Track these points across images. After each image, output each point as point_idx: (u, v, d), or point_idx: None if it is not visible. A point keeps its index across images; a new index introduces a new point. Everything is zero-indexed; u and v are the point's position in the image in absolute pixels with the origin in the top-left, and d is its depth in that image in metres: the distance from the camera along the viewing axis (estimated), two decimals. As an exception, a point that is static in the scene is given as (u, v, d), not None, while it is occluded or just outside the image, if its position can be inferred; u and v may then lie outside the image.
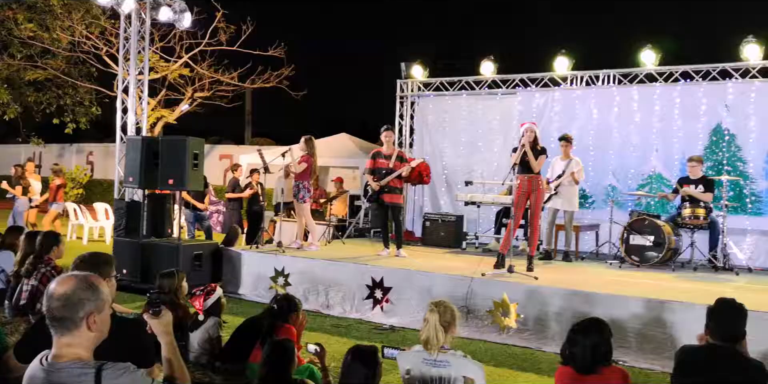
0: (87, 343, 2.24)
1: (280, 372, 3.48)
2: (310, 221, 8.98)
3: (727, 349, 3.27)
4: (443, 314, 3.40)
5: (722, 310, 3.44)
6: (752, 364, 3.21)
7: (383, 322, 7.15)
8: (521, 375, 5.52)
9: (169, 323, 2.55)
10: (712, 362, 3.21)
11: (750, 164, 9.21)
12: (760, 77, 9.23)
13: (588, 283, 6.85)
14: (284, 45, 17.48)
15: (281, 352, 3.46)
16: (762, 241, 9.11)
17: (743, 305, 3.49)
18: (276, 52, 17.52)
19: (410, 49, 34.23)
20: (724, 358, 3.22)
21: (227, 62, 17.99)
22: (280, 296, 4.49)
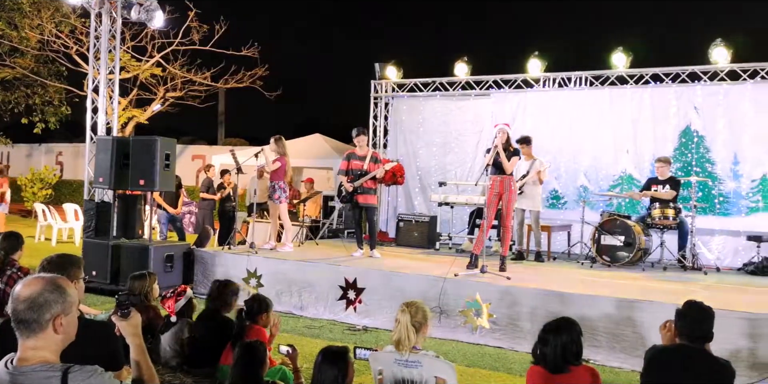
0: (53, 346, 2.20)
1: (252, 374, 3.45)
2: (287, 222, 8.93)
3: (695, 349, 3.33)
4: (415, 315, 3.41)
5: (690, 311, 3.50)
6: (719, 363, 3.27)
7: (356, 322, 7.15)
8: (493, 375, 5.55)
9: (138, 325, 2.52)
10: (681, 362, 3.26)
11: (718, 165, 9.38)
12: (728, 80, 9.40)
13: (560, 283, 6.91)
14: (258, 45, 17.40)
15: (252, 354, 3.44)
16: (730, 241, 9.27)
17: (711, 307, 3.55)
18: (249, 52, 17.43)
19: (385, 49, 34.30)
20: (692, 357, 3.27)
21: (200, 62, 17.88)
22: (249, 297, 4.45)
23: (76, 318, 2.27)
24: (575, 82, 10.55)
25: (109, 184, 8.65)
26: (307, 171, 14.81)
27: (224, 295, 4.49)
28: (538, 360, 3.33)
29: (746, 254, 8.86)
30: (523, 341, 6.28)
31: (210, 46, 17.25)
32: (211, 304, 4.44)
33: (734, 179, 9.25)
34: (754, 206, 9.10)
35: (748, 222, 9.07)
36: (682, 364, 3.22)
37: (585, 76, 10.45)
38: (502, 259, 7.66)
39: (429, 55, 31.13)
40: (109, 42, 9.66)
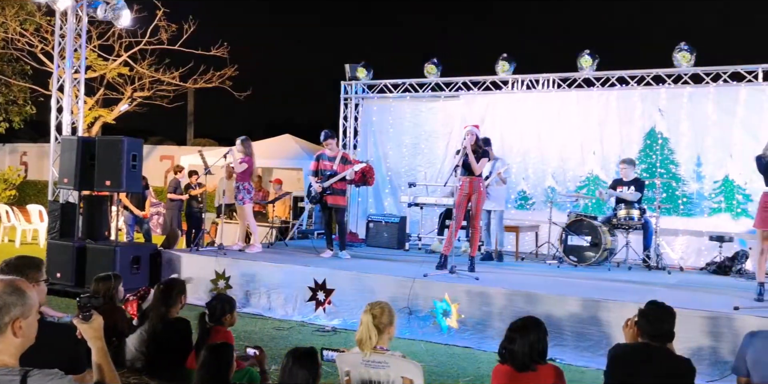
0: (12, 349, 2.17)
1: (218, 377, 3.43)
2: (252, 222, 8.89)
3: (657, 348, 3.39)
4: (378, 316, 3.42)
5: (652, 311, 3.56)
6: (680, 361, 3.34)
7: (326, 324, 7.14)
8: (462, 374, 5.58)
9: (100, 328, 2.48)
10: (643, 360, 3.32)
11: (682, 167, 9.55)
12: (692, 83, 9.57)
13: (527, 283, 6.99)
14: (227, 45, 17.27)
15: (219, 357, 3.41)
16: (693, 241, 9.45)
17: (672, 307, 3.61)
18: (219, 52, 17.30)
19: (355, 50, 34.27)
20: (653, 356, 3.33)
21: (168, 61, 17.68)
22: (212, 298, 4.40)
23: (35, 321, 2.24)
24: (543, 85, 10.66)
25: (74, 185, 8.52)
26: (277, 171, 14.75)
27: (169, 295, 4.40)
28: (504, 359, 3.37)
29: (709, 254, 9.05)
30: (492, 341, 6.32)
31: (179, 45, 17.07)
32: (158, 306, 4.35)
33: (697, 181, 9.44)
34: (717, 207, 9.29)
35: (711, 222, 9.26)
36: (643, 363, 3.28)
37: (553, 78, 10.56)
38: (471, 260, 7.71)
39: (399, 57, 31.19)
40: (75, 40, 9.51)
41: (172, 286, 4.51)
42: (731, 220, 9.15)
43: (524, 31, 31.88)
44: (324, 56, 35.98)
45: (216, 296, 4.46)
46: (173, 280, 4.71)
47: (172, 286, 4.49)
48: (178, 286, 4.52)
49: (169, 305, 4.41)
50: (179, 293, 4.51)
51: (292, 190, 12.91)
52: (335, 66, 12.82)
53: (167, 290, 4.43)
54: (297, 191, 12.86)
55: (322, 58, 36.04)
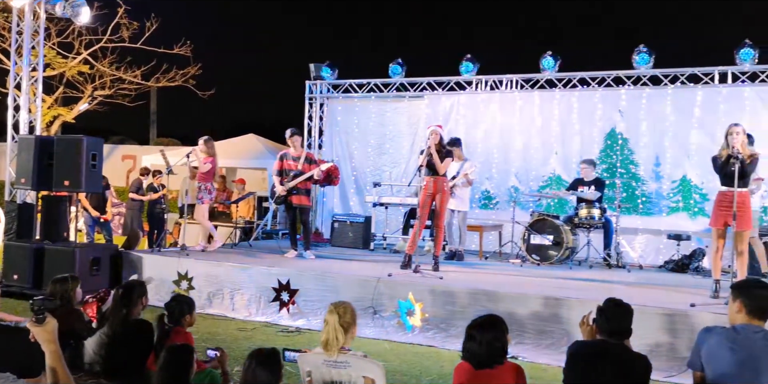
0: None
1: (178, 378, 3.39)
2: (205, 223, 8.81)
3: (614, 345, 3.45)
4: (343, 315, 3.42)
5: (610, 308, 3.62)
6: (636, 358, 3.40)
7: (290, 324, 7.11)
8: (425, 373, 5.61)
9: (54, 331, 2.44)
10: (601, 357, 3.37)
11: (641, 167, 9.73)
12: (651, 85, 9.78)
13: (491, 282, 7.05)
14: (190, 43, 17.06)
15: (178, 358, 3.38)
16: (652, 239, 9.64)
17: (629, 305, 3.68)
18: (182, 51, 17.08)
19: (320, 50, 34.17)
20: (610, 352, 3.38)
21: (130, 60, 17.39)
22: (170, 299, 4.35)
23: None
24: (506, 85, 10.77)
25: (31, 185, 8.35)
26: (241, 171, 14.64)
27: (129, 297, 4.33)
28: (465, 356, 3.39)
29: (667, 252, 9.25)
30: (455, 340, 6.36)
31: (140, 43, 16.82)
32: (119, 308, 4.28)
33: (656, 180, 9.63)
34: (675, 206, 9.49)
35: (669, 221, 9.46)
36: (601, 360, 3.33)
37: (516, 79, 10.68)
38: (435, 259, 7.75)
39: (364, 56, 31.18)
40: (33, 38, 9.31)
41: (132, 287, 4.44)
42: (689, 219, 9.36)
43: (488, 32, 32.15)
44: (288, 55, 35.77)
45: (174, 297, 4.39)
46: (133, 282, 4.64)
47: (132, 288, 4.42)
48: (139, 288, 4.45)
49: (129, 307, 4.34)
50: (140, 295, 4.44)
51: (256, 190, 12.82)
52: (300, 65, 12.79)
53: (127, 292, 4.36)
54: (261, 191, 12.79)
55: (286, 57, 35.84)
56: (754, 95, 9.15)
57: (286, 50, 38.16)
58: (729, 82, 9.33)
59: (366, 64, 14.76)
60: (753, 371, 3.13)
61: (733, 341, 3.22)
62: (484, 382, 3.26)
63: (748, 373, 3.13)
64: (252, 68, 38.09)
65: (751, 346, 3.18)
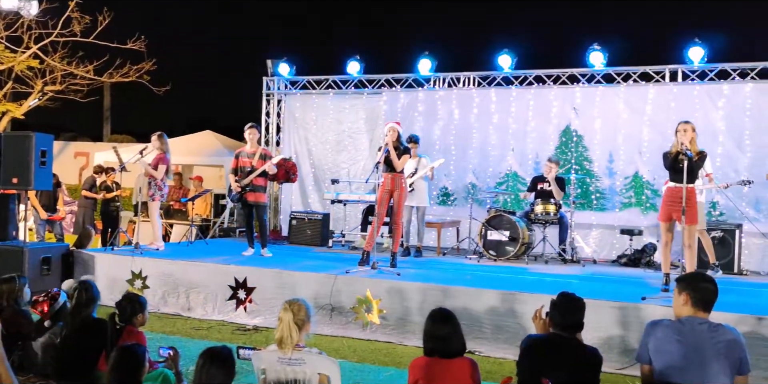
0: None
1: (130, 379, 3.34)
2: (154, 220, 8.67)
3: (566, 338, 3.51)
4: (297, 313, 3.41)
5: (563, 302, 3.67)
6: (587, 351, 3.46)
7: (247, 322, 7.05)
8: (383, 369, 5.62)
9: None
10: (553, 350, 3.43)
11: (595, 163, 9.90)
12: (604, 83, 9.95)
13: (448, 278, 7.09)
14: (144, 38, 16.73)
15: (129, 358, 3.32)
16: (606, 234, 9.83)
17: (582, 298, 3.74)
18: (135, 45, 16.74)
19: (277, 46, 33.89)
20: (562, 346, 3.44)
21: (82, 55, 16.96)
22: (121, 298, 4.27)
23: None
24: (464, 83, 10.85)
25: (-23, 183, 8.09)
26: (198, 168, 14.45)
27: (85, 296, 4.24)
28: (425, 351, 3.41)
29: (620, 247, 9.44)
30: (413, 336, 6.40)
31: (92, 38, 16.42)
32: (74, 307, 4.20)
33: (609, 176, 9.81)
34: (627, 202, 9.69)
35: (622, 217, 9.66)
36: (553, 353, 3.38)
37: (473, 76, 10.76)
38: (392, 256, 7.77)
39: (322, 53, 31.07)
40: (-22, 31, 9.03)
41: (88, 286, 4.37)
42: (641, 215, 9.56)
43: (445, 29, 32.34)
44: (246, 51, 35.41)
45: (125, 296, 4.31)
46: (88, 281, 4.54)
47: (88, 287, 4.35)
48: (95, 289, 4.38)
49: (84, 306, 4.27)
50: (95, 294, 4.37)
51: (213, 187, 12.67)
52: (257, 61, 12.66)
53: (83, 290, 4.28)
54: (218, 189, 12.65)
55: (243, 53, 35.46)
56: (704, 93, 9.39)
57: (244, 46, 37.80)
58: (679, 80, 9.56)
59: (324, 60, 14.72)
60: (699, 362, 3.21)
61: (679, 333, 3.30)
62: (439, 376, 3.29)
63: (694, 364, 3.21)
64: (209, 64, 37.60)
65: (697, 337, 3.26)
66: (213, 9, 34.61)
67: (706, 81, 9.43)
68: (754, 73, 9.25)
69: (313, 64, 12.81)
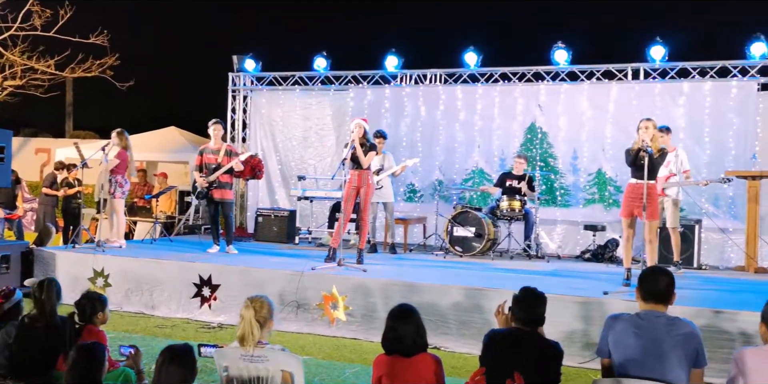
0: None
1: (89, 378, 3.28)
2: (120, 217, 8.56)
3: (528, 332, 3.55)
4: (259, 310, 3.39)
5: (525, 297, 3.71)
6: (548, 345, 3.50)
7: (212, 320, 6.99)
8: (348, 366, 5.63)
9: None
10: (515, 344, 3.46)
11: (560, 160, 10.03)
12: (569, 80, 10.07)
13: (414, 274, 7.12)
14: (107, 33, 16.43)
15: (88, 357, 3.26)
16: (570, 230, 9.96)
17: (543, 293, 3.78)
18: (98, 40, 16.43)
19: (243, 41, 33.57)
20: (524, 340, 3.48)
21: (43, 49, 16.60)
22: (80, 296, 4.20)
23: None
24: (430, 79, 10.89)
25: (-68, 180, 7.90)
26: (163, 165, 14.27)
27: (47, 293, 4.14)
28: (385, 347, 3.42)
29: (584, 242, 9.57)
30: (379, 332, 6.26)
31: (54, 32, 16.09)
32: (35, 305, 4.12)
33: (573, 173, 9.95)
34: (591, 198, 9.84)
35: (586, 212, 9.81)
36: (515, 347, 3.42)
37: (439, 73, 10.81)
38: (359, 252, 7.77)
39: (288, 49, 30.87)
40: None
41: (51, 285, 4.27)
42: (604, 210, 9.72)
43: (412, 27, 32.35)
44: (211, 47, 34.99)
45: (85, 294, 4.23)
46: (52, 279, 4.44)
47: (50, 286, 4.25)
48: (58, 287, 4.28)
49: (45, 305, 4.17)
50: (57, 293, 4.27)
51: (177, 184, 12.52)
52: (223, 57, 12.55)
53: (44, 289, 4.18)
54: (182, 185, 12.50)
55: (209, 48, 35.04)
56: (665, 91, 9.56)
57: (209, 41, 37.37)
58: (641, 78, 9.72)
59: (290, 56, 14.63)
60: (656, 355, 3.27)
61: (638, 327, 3.35)
62: (402, 372, 3.30)
63: (651, 358, 3.27)
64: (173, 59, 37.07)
65: (654, 330, 3.32)
66: (178, 3, 34.11)
67: (667, 79, 9.61)
68: (713, 71, 9.44)
69: (279, 60, 12.74)
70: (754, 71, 9.23)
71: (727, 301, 5.99)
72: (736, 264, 8.84)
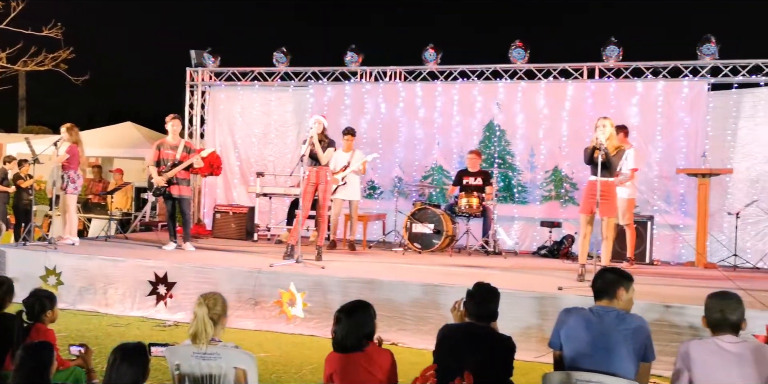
0: None
1: (37, 378, 3.21)
2: (71, 214, 8.39)
3: (481, 327, 3.60)
4: (213, 308, 3.35)
5: (478, 292, 3.76)
6: (501, 340, 3.56)
7: (167, 318, 6.90)
8: (306, 362, 5.61)
9: None
10: (468, 339, 3.50)
11: (517, 157, 10.16)
12: (526, 79, 10.20)
13: (372, 271, 7.12)
14: (61, 25, 16.04)
15: (36, 356, 3.19)
16: (527, 227, 10.10)
17: (496, 288, 3.83)
18: (52, 33, 16.03)
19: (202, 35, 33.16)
20: (476, 335, 3.52)
21: (-7, 42, 16.13)
22: (29, 294, 4.10)
23: None
24: (390, 77, 10.91)
25: None
26: (118, 161, 14.02)
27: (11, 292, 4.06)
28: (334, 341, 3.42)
29: (540, 239, 9.71)
30: (337, 329, 6.39)
31: (5, 24, 15.65)
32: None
33: (531, 170, 10.09)
34: (547, 195, 9.99)
35: (542, 209, 9.96)
36: (468, 342, 3.46)
37: (399, 70, 10.84)
38: (318, 249, 7.76)
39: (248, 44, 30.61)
40: None
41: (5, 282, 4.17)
42: (560, 207, 9.88)
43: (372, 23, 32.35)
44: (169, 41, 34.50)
45: (33, 292, 4.14)
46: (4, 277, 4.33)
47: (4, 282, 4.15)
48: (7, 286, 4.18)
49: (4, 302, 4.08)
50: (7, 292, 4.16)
51: (134, 180, 12.32)
52: (181, 51, 12.38)
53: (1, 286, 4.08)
54: (139, 182, 12.30)
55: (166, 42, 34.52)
56: (619, 90, 9.75)
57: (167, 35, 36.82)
58: (596, 77, 9.89)
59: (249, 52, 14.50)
60: (605, 349, 3.34)
61: (589, 321, 3.43)
62: (353, 368, 3.30)
63: (601, 351, 3.34)
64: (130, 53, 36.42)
65: (604, 325, 3.39)
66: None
67: (621, 79, 9.80)
68: (665, 71, 9.66)
69: (238, 56, 12.62)
70: (704, 71, 9.47)
71: (677, 295, 6.14)
72: (686, 260, 9.08)
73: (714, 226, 9.07)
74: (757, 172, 9.21)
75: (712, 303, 3.39)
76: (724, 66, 9.37)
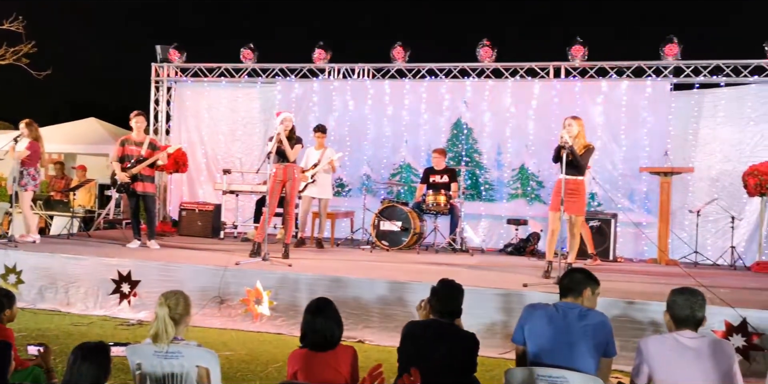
0: None
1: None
2: (27, 211, 8.24)
3: (445, 324, 3.62)
4: (174, 307, 3.30)
5: (442, 289, 3.78)
6: (464, 336, 3.59)
7: (131, 317, 6.80)
8: (272, 360, 5.58)
9: None
10: (432, 335, 3.52)
11: (485, 155, 10.23)
12: (494, 77, 10.28)
13: (340, 269, 7.11)
14: (22, 19, 15.70)
15: (-8, 356, 3.14)
16: (494, 224, 10.18)
17: (461, 285, 3.85)
18: (13, 26, 15.68)
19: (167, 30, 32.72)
20: (440, 331, 3.55)
21: (-48, 36, 15.72)
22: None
23: None
24: (358, 74, 10.90)
25: None
26: (82, 158, 13.78)
27: None
28: (302, 340, 3.41)
29: (507, 236, 9.80)
30: (303, 327, 6.37)
31: (-36, 17, 15.26)
32: None
33: (498, 168, 10.17)
34: (514, 193, 10.08)
35: (509, 207, 10.04)
36: (432, 338, 3.48)
37: (368, 68, 10.83)
38: (285, 247, 7.72)
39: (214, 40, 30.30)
40: None
41: None
42: (526, 205, 9.98)
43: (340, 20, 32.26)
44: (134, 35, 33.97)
45: (-11, 291, 4.06)
46: None
47: None
48: None
49: None
50: None
51: (97, 177, 12.12)
52: (146, 46, 12.20)
53: None
54: (102, 178, 12.10)
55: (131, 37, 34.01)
56: (584, 89, 9.88)
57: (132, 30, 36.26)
58: (562, 76, 10.00)
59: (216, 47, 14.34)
60: (567, 345, 3.39)
61: (551, 317, 3.47)
62: (318, 366, 3.30)
63: (563, 347, 3.39)
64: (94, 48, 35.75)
65: (566, 321, 3.44)
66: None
67: (586, 78, 9.93)
68: (629, 71, 9.81)
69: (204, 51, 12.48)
70: (667, 71, 9.64)
71: (639, 292, 6.24)
72: (649, 257, 9.24)
73: (676, 224, 9.24)
74: (718, 171, 9.42)
75: (681, 299, 3.36)
76: (686, 66, 9.55)
